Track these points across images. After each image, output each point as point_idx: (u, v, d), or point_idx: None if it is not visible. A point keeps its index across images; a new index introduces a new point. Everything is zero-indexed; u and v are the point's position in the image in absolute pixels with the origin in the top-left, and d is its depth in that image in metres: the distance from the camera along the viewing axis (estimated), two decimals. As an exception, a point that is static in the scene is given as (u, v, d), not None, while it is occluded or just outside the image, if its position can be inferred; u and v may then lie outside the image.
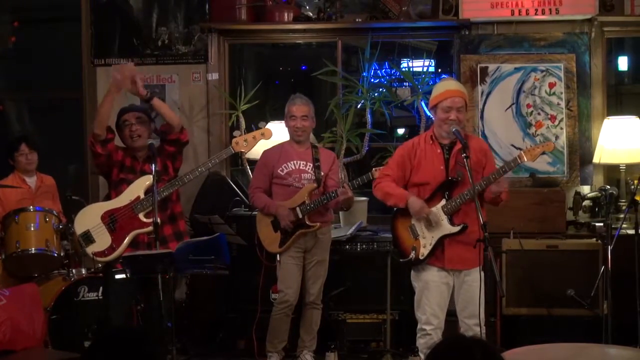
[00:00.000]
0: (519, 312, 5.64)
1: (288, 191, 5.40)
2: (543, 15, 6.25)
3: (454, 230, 4.61)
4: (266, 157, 5.53)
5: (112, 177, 5.05)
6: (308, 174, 5.42)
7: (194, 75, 6.72)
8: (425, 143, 4.72)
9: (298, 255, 5.42)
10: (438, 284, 4.66)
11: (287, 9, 6.53)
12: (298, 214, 5.31)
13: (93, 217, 4.96)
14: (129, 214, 4.92)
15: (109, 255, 4.90)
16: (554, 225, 5.87)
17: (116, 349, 2.21)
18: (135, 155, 5.05)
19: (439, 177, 4.64)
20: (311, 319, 5.53)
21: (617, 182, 6.15)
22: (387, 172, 4.80)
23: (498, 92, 6.27)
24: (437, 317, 4.66)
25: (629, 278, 5.16)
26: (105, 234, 4.93)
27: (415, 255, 4.66)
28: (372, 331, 5.80)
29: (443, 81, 4.92)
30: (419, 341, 4.74)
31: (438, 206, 4.64)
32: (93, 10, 6.79)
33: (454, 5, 6.34)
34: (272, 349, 5.49)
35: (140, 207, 4.92)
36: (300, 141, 5.45)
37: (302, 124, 5.39)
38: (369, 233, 6.03)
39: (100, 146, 4.95)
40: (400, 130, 7.42)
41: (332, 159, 5.57)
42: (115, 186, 5.04)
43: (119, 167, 5.02)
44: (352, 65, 7.07)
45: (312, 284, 5.47)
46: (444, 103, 4.59)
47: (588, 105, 6.30)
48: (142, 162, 5.05)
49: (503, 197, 4.65)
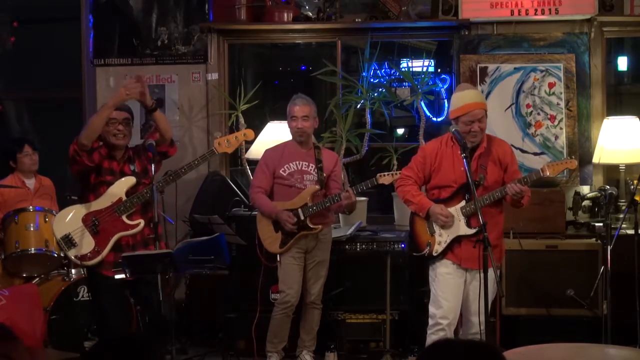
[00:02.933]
0: (519, 312, 5.65)
1: (290, 192, 5.38)
2: (543, 15, 6.25)
3: (470, 232, 4.66)
4: (268, 157, 5.49)
5: (90, 180, 4.84)
6: (310, 175, 5.40)
7: (193, 76, 6.72)
8: (447, 146, 4.77)
9: (299, 255, 5.41)
10: (455, 278, 4.71)
11: (287, 9, 6.53)
12: (300, 216, 5.30)
13: (73, 220, 4.80)
14: (112, 216, 4.79)
15: (94, 259, 4.74)
16: (554, 225, 5.87)
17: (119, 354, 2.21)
18: (113, 155, 4.88)
19: (460, 179, 4.68)
20: (312, 320, 5.53)
21: (617, 182, 6.15)
22: (409, 174, 4.85)
23: (498, 92, 6.27)
24: (453, 311, 4.69)
25: (629, 278, 5.17)
26: (88, 236, 4.76)
27: (430, 250, 4.74)
28: (371, 331, 5.79)
29: (460, 92, 4.79)
30: (430, 337, 4.71)
31: (457, 207, 4.69)
32: (93, 10, 6.79)
33: (453, 6, 6.34)
34: (272, 349, 5.49)
35: (123, 209, 4.78)
36: (302, 142, 5.43)
37: (302, 125, 5.37)
38: (368, 233, 6.03)
39: (87, 157, 4.74)
40: (399, 130, 7.41)
41: (335, 160, 5.55)
42: (93, 189, 4.84)
43: (96, 170, 4.86)
44: (351, 66, 7.07)
45: (312, 284, 5.46)
46: (464, 118, 4.65)
47: (587, 105, 6.30)
48: (122, 164, 4.92)
49: (525, 201, 4.70)
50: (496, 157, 4.72)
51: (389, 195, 6.25)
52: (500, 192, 4.63)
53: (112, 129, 4.80)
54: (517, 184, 4.59)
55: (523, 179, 4.65)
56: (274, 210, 5.35)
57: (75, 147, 4.72)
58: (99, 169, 4.81)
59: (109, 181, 4.82)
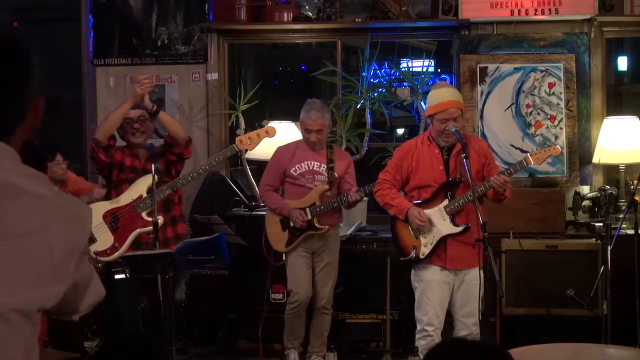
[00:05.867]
0: (519, 312, 5.64)
1: (300, 191, 5.35)
2: (542, 15, 6.25)
3: (456, 231, 4.61)
4: (279, 156, 5.44)
5: (112, 177, 5.03)
6: (321, 175, 5.35)
7: (193, 76, 6.72)
8: (423, 145, 4.71)
9: (306, 254, 5.38)
10: (439, 284, 4.65)
11: (287, 9, 6.53)
12: (307, 215, 5.27)
13: (94, 216, 4.91)
14: (132, 213, 4.89)
15: (112, 255, 4.85)
16: (554, 225, 5.87)
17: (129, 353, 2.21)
18: (136, 154, 5.02)
19: (439, 179, 4.64)
20: (321, 325, 5.49)
21: (617, 182, 6.15)
22: (386, 177, 4.79)
23: (497, 92, 6.27)
24: (438, 317, 4.66)
25: (629, 278, 5.17)
26: (107, 232, 4.88)
27: (416, 254, 4.65)
28: (371, 331, 5.80)
29: (436, 90, 4.77)
30: (419, 342, 4.72)
31: (440, 206, 4.63)
32: (93, 10, 6.79)
33: (453, 6, 6.34)
34: (289, 345, 5.49)
35: (143, 205, 4.89)
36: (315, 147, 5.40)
37: (317, 138, 5.29)
38: (368, 233, 6.03)
39: (103, 153, 4.91)
40: (399, 130, 7.42)
41: (348, 161, 5.48)
42: (115, 186, 5.01)
43: (118, 167, 5.00)
44: (351, 66, 7.07)
45: (322, 287, 5.42)
46: (439, 115, 4.58)
47: (587, 105, 6.30)
48: (144, 162, 5.02)
49: (507, 194, 4.64)
50: (474, 154, 4.62)
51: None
52: (484, 186, 4.57)
53: (129, 129, 4.95)
54: (501, 175, 4.55)
55: (507, 170, 4.61)
56: (285, 207, 5.32)
57: (93, 145, 4.97)
58: (121, 166, 4.95)
59: (131, 178, 4.96)
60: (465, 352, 2.07)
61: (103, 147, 4.92)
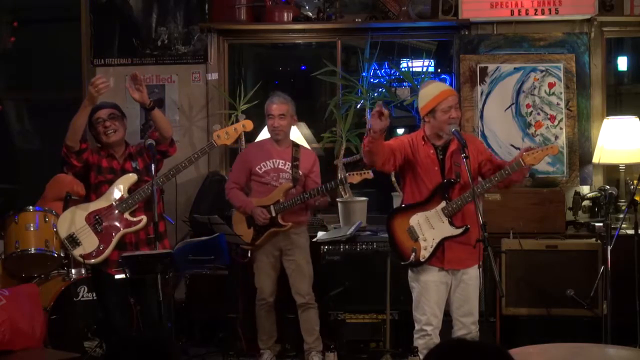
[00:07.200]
0: (519, 312, 5.64)
1: (266, 189, 5.46)
2: (542, 15, 6.25)
3: (456, 233, 4.57)
4: (245, 154, 5.63)
5: (90, 180, 4.89)
6: (286, 173, 5.47)
7: (193, 76, 6.72)
8: (417, 144, 4.65)
9: (273, 253, 5.49)
10: (437, 284, 4.63)
11: (287, 9, 6.53)
12: (271, 212, 5.37)
13: (77, 219, 4.83)
14: (115, 214, 4.85)
15: (98, 257, 4.76)
16: (554, 225, 5.87)
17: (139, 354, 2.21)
18: (112, 154, 4.90)
19: (434, 179, 4.61)
20: (309, 320, 5.53)
21: (617, 182, 6.15)
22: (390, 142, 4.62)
23: (498, 92, 6.27)
24: (436, 316, 4.65)
25: (629, 278, 5.17)
26: (91, 235, 4.80)
27: (416, 257, 4.59)
28: (371, 331, 5.79)
29: (427, 86, 4.71)
30: (418, 342, 4.71)
31: (438, 208, 4.59)
32: (92, 10, 6.79)
33: (453, 6, 6.34)
34: (263, 346, 5.60)
35: (125, 206, 4.82)
36: (279, 140, 5.49)
37: (279, 123, 5.43)
38: (368, 233, 6.03)
39: (75, 158, 4.80)
40: (399, 130, 7.41)
41: (313, 159, 5.58)
42: (95, 189, 4.88)
43: (96, 170, 4.86)
44: (351, 65, 7.06)
45: (298, 283, 5.50)
46: (443, 105, 4.53)
47: (587, 105, 6.30)
48: (122, 162, 4.94)
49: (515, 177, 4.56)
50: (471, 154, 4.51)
51: (389, 195, 6.26)
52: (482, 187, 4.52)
53: (101, 129, 4.86)
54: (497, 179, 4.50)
55: (504, 171, 4.53)
56: (248, 205, 5.44)
57: (65, 150, 4.83)
58: (98, 168, 4.85)
59: (110, 179, 4.86)
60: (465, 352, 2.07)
61: (75, 152, 4.79)
